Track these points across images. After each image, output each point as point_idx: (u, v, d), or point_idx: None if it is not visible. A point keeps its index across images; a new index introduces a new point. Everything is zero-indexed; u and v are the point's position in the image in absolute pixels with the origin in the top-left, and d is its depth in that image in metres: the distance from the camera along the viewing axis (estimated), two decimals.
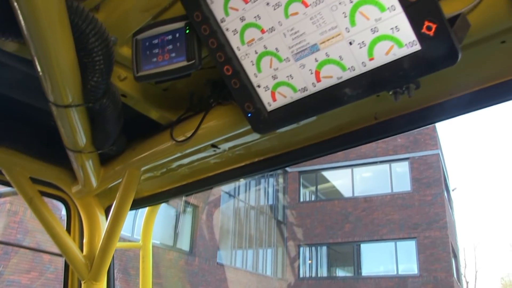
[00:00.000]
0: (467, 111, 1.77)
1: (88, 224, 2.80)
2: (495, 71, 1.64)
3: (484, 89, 1.68)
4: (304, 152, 2.24)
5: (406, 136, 24.69)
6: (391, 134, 1.98)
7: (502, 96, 1.66)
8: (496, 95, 1.67)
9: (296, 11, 1.30)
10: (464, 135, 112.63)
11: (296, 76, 1.41)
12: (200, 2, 1.43)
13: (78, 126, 1.97)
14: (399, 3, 1.15)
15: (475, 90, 1.71)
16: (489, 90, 1.67)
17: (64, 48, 1.56)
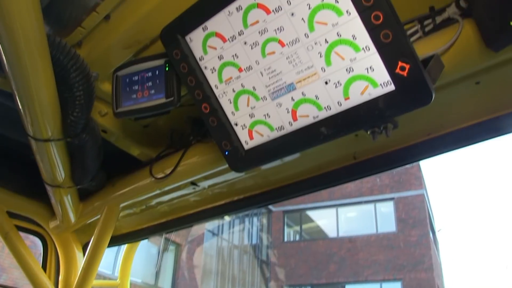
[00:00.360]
0: (445, 150, 1.79)
1: (65, 260, 2.74)
2: (471, 111, 1.67)
3: (461, 129, 1.71)
4: (284, 191, 2.24)
5: (391, 176, 24.77)
6: (371, 173, 1.99)
7: (479, 136, 1.69)
8: (473, 135, 1.70)
9: (273, 51, 1.32)
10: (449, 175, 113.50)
11: (273, 115, 1.42)
12: (179, 40, 1.45)
13: (57, 161, 1.95)
14: (373, 44, 1.18)
15: (453, 130, 1.73)
16: (466, 130, 1.70)
17: (44, 83, 1.56)
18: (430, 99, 1.17)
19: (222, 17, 1.36)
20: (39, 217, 2.68)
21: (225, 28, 1.37)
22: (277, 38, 1.30)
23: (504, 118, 1.63)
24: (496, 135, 1.67)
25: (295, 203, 25.57)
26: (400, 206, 24.42)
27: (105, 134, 2.09)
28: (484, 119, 1.67)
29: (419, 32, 1.45)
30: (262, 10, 1.29)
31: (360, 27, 1.17)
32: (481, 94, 1.61)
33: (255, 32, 1.32)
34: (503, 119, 1.63)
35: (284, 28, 1.28)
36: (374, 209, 25.10)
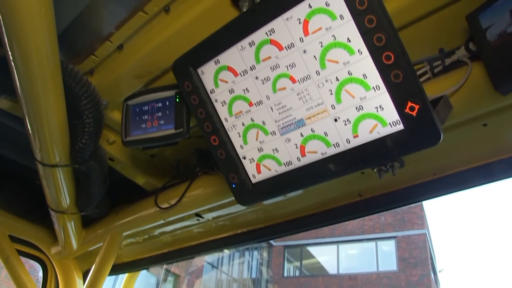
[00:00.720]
0: (450, 191, 1.79)
1: (65, 287, 2.71)
2: (478, 153, 1.68)
3: (467, 170, 1.71)
4: (287, 226, 2.23)
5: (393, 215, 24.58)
6: (375, 211, 1.98)
7: (485, 178, 1.69)
8: (479, 176, 1.70)
9: (284, 86, 1.34)
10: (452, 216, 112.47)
11: (281, 150, 1.42)
12: (191, 72, 1.47)
13: (63, 187, 1.95)
14: (384, 83, 1.19)
15: (458, 171, 1.74)
16: (472, 171, 1.70)
17: (55, 109, 1.58)
18: (439, 140, 1.17)
19: (234, 52, 1.38)
20: (40, 242, 2.67)
21: (237, 62, 1.38)
22: (288, 74, 1.32)
23: (510, 161, 1.63)
24: (502, 178, 1.67)
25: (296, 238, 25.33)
26: (402, 245, 24.14)
27: (111, 162, 2.10)
28: (491, 161, 1.67)
29: (428, 73, 1.47)
30: (275, 46, 1.30)
31: (371, 67, 1.19)
32: (488, 136, 1.61)
33: (267, 68, 1.34)
34: (510, 161, 1.63)
35: (296, 64, 1.29)
36: (376, 247, 24.81)
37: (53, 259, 2.70)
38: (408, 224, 24.52)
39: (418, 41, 1.47)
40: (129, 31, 1.63)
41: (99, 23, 1.65)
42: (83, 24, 1.62)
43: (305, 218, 2.18)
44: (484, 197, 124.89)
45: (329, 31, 1.22)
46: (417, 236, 24.16)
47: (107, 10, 1.60)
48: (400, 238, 24.18)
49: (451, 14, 1.39)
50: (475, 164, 1.70)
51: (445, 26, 1.43)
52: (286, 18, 1.27)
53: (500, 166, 1.65)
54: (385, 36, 1.14)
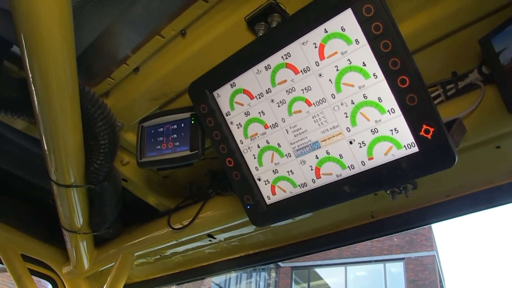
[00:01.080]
0: (463, 213, 1.78)
1: None
2: (490, 175, 1.68)
3: (479, 192, 1.72)
4: (300, 247, 2.23)
5: (402, 236, 24.33)
6: (388, 233, 1.98)
7: (497, 200, 1.69)
8: (491, 199, 1.70)
9: (300, 109, 1.36)
10: (461, 237, 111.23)
11: (296, 172, 1.43)
12: (207, 95, 1.49)
13: (77, 207, 1.97)
14: (399, 106, 1.20)
15: (471, 193, 1.74)
16: (484, 193, 1.70)
17: (72, 130, 1.60)
18: (453, 162, 1.18)
19: (250, 75, 1.40)
20: (52, 261, 2.68)
21: (253, 86, 1.41)
22: (304, 98, 1.33)
23: None
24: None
25: (304, 259, 25.09)
26: (410, 267, 23.86)
27: (125, 183, 2.12)
28: (503, 183, 1.67)
29: (442, 96, 1.48)
30: (291, 70, 1.33)
31: (387, 90, 1.20)
32: (501, 158, 1.62)
33: (283, 91, 1.36)
34: None
35: (312, 88, 1.31)
36: (384, 269, 24.54)
37: (64, 278, 2.70)
38: (417, 246, 24.26)
39: (432, 65, 1.49)
40: (145, 54, 1.66)
41: (116, 47, 1.68)
42: (100, 47, 1.66)
43: (316, 239, 2.18)
44: (494, 219, 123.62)
45: (345, 55, 1.24)
46: (425, 258, 23.89)
47: (124, 34, 1.63)
48: (408, 260, 23.91)
49: (464, 38, 1.41)
50: (488, 186, 1.70)
51: (458, 49, 1.45)
52: (302, 43, 1.29)
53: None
54: (400, 60, 1.16)
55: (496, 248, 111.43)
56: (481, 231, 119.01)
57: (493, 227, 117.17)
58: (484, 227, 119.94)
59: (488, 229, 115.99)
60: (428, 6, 1.38)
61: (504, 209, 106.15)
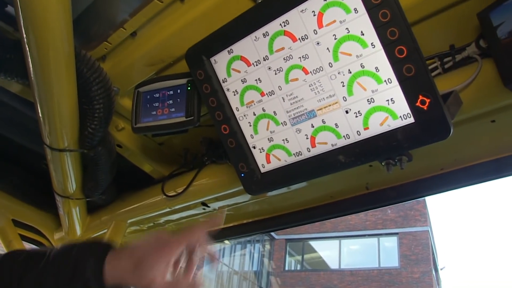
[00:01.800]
0: (457, 186, 1.80)
1: None
2: (485, 149, 1.69)
3: (473, 166, 1.72)
4: (294, 218, 2.24)
5: (396, 211, 24.55)
6: (382, 205, 2.00)
7: (492, 173, 1.70)
8: (486, 172, 1.71)
9: (296, 77, 1.35)
10: (455, 213, 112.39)
11: (291, 140, 1.43)
12: (204, 61, 1.48)
13: (70, 172, 1.97)
14: (395, 76, 1.20)
15: (465, 167, 1.75)
16: (479, 167, 1.71)
17: (67, 94, 1.59)
18: (448, 134, 1.18)
19: (248, 42, 1.39)
20: (44, 227, 2.69)
21: (250, 53, 1.40)
22: (301, 66, 1.33)
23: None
24: (508, 174, 1.68)
25: (298, 232, 25.38)
26: (404, 242, 24.15)
27: (119, 149, 2.11)
28: (497, 157, 1.68)
29: (439, 69, 1.47)
30: (289, 38, 1.31)
31: (384, 60, 1.20)
32: (496, 132, 1.62)
33: (280, 58, 1.35)
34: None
35: (309, 56, 1.30)
36: (378, 243, 24.84)
37: (56, 244, 2.71)
38: (411, 221, 24.51)
39: (430, 37, 1.48)
40: (143, 18, 1.64)
41: (114, 10, 1.65)
42: (97, 10, 1.63)
43: (311, 210, 2.20)
44: (487, 195, 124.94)
45: (343, 24, 1.23)
46: (419, 233, 24.16)
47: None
48: (402, 235, 24.19)
49: (463, 11, 1.39)
50: (482, 160, 1.71)
51: (457, 22, 1.44)
52: (301, 10, 1.28)
53: (507, 162, 1.66)
54: (399, 31, 1.15)
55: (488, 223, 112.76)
56: (474, 206, 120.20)
57: (485, 202, 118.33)
58: (477, 202, 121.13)
59: (481, 205, 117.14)
60: None
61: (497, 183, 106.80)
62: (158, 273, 1.11)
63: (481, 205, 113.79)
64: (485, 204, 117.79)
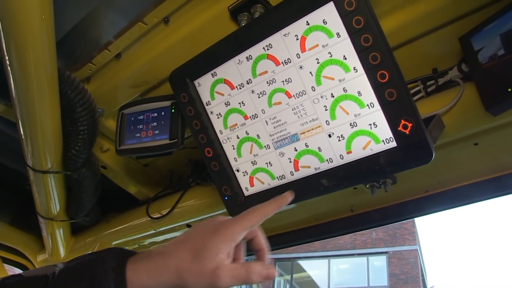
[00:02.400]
0: (441, 208, 1.80)
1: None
2: (468, 171, 1.70)
3: (457, 188, 1.73)
4: (279, 240, 2.23)
5: (385, 230, 24.50)
6: (367, 227, 1.99)
7: (475, 196, 1.70)
8: (470, 194, 1.71)
9: (280, 101, 1.35)
10: (443, 232, 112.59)
11: (275, 164, 1.43)
12: (188, 84, 1.47)
13: (54, 193, 1.94)
14: (378, 101, 1.20)
15: (449, 189, 1.75)
16: (463, 189, 1.72)
17: (50, 114, 1.57)
18: (430, 158, 1.18)
19: (231, 65, 1.39)
20: (26, 249, 2.64)
21: (234, 76, 1.40)
22: (284, 89, 1.33)
23: (500, 180, 1.65)
24: (492, 196, 1.69)
25: (287, 251, 25.21)
26: (393, 261, 24.09)
27: (104, 170, 2.10)
28: (481, 180, 1.69)
29: (422, 92, 1.49)
30: (272, 61, 1.32)
31: (366, 84, 1.20)
32: (479, 155, 1.63)
33: (263, 82, 1.35)
34: (500, 180, 1.65)
35: (292, 80, 1.31)
36: (367, 263, 24.75)
37: (39, 266, 2.67)
38: (400, 239, 24.48)
39: (413, 61, 1.49)
40: (127, 40, 1.64)
41: (98, 32, 1.65)
42: (82, 32, 1.63)
43: (297, 232, 2.18)
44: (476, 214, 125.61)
45: (326, 48, 1.23)
46: (408, 252, 24.11)
47: (107, 19, 1.61)
48: (391, 254, 24.13)
49: (445, 35, 1.41)
50: (466, 182, 1.72)
51: (439, 46, 1.46)
52: (284, 34, 1.28)
53: (491, 184, 1.67)
54: (381, 55, 1.16)
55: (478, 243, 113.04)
56: (462, 224, 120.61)
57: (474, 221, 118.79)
58: (465, 221, 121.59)
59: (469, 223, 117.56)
60: (410, 3, 1.38)
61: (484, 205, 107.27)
62: (223, 259, 0.94)
63: (470, 224, 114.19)
64: (474, 222, 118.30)
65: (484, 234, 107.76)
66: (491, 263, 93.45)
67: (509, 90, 1.21)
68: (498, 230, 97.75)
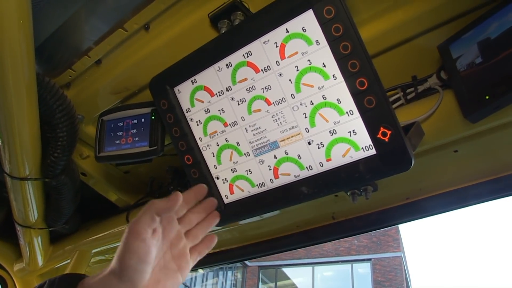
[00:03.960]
0: (423, 215, 1.81)
1: None
2: (449, 178, 1.70)
3: (438, 195, 1.74)
4: (261, 247, 2.22)
5: (369, 237, 24.58)
6: (348, 234, 1.99)
7: (456, 203, 1.71)
8: (450, 201, 1.72)
9: (259, 108, 1.34)
10: (427, 239, 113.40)
11: (255, 171, 1.42)
12: (167, 91, 1.46)
13: (31, 201, 1.91)
14: (357, 108, 1.20)
15: (430, 196, 1.76)
16: (443, 196, 1.73)
17: (28, 121, 1.55)
18: (410, 165, 1.18)
19: (211, 72, 1.38)
20: (3, 258, 2.59)
21: (213, 83, 1.39)
22: (264, 97, 1.32)
23: (480, 187, 1.66)
24: (472, 203, 1.70)
25: (271, 259, 25.15)
26: (377, 268, 24.16)
27: (84, 177, 2.07)
28: (461, 187, 1.70)
29: (402, 100, 1.49)
30: (251, 69, 1.31)
31: (345, 92, 1.20)
32: (458, 162, 1.64)
33: (243, 89, 1.35)
34: (479, 187, 1.66)
35: (272, 87, 1.30)
36: (351, 270, 24.79)
37: (15, 276, 2.60)
38: (384, 246, 24.58)
39: (393, 68, 1.50)
40: (108, 46, 1.63)
41: (78, 38, 1.64)
42: (62, 37, 1.62)
43: (279, 239, 2.17)
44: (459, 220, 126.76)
45: (305, 56, 1.23)
46: (392, 259, 24.21)
47: (87, 25, 1.59)
48: (375, 261, 24.21)
49: (424, 43, 1.42)
50: (447, 189, 1.73)
51: (419, 54, 1.47)
52: (264, 42, 1.28)
53: (471, 191, 1.68)
54: (359, 63, 1.16)
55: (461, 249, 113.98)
56: (447, 233, 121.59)
57: (457, 227, 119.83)
58: (449, 229, 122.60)
59: (453, 230, 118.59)
60: (390, 11, 1.39)
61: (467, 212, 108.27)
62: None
63: (454, 231, 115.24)
64: (457, 229, 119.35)
65: (467, 241, 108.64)
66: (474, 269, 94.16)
67: (487, 98, 1.22)
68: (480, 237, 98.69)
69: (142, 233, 0.97)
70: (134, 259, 0.95)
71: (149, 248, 0.97)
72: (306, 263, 25.37)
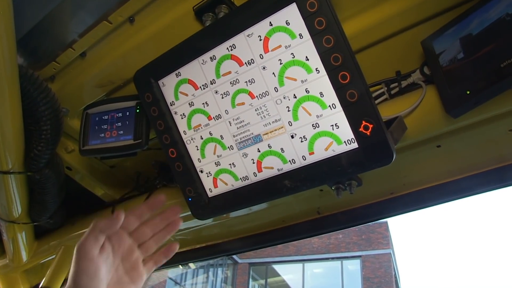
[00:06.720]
0: (407, 210, 1.82)
1: None
2: (432, 173, 1.72)
3: (422, 190, 1.75)
4: (246, 242, 2.23)
5: (359, 234, 24.71)
6: (333, 229, 2.00)
7: (439, 198, 1.73)
8: (434, 196, 1.74)
9: (243, 102, 1.35)
10: (417, 236, 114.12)
11: (238, 165, 1.42)
12: (152, 84, 1.46)
13: (15, 195, 1.89)
14: (339, 102, 1.21)
15: (414, 191, 1.77)
16: (427, 191, 1.75)
17: (11, 114, 1.53)
18: (391, 159, 1.19)
19: (195, 65, 1.38)
20: None
21: (198, 76, 1.39)
22: (247, 90, 1.33)
23: (463, 181, 1.68)
24: (455, 198, 1.72)
25: (261, 256, 25.20)
26: (367, 265, 24.28)
27: (69, 172, 2.05)
28: (445, 182, 1.72)
29: (386, 95, 1.50)
30: (235, 62, 1.32)
31: (328, 85, 1.21)
32: (442, 157, 1.65)
33: (227, 82, 1.35)
34: (462, 182, 1.68)
35: (255, 80, 1.31)
36: (341, 266, 24.89)
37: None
38: (374, 243, 24.69)
39: (377, 63, 1.51)
40: (92, 39, 1.62)
41: (63, 30, 1.63)
42: (45, 29, 1.60)
43: (266, 234, 2.18)
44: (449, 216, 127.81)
45: (288, 49, 1.24)
46: (382, 255, 24.33)
47: (71, 17, 1.58)
48: (365, 258, 24.32)
49: (408, 39, 1.43)
50: (430, 184, 1.74)
51: (403, 50, 1.48)
52: (247, 35, 1.28)
53: (454, 186, 1.70)
54: (342, 57, 1.17)
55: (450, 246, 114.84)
56: (436, 230, 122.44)
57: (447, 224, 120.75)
58: (439, 226, 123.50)
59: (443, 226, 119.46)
60: (374, 7, 1.40)
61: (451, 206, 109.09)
62: None
63: (443, 227, 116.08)
64: (446, 226, 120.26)
65: (456, 238, 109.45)
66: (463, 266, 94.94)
67: (468, 93, 1.23)
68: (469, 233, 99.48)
69: (89, 253, 1.07)
70: (85, 278, 1.04)
71: (98, 266, 1.08)
72: (296, 260, 25.44)
